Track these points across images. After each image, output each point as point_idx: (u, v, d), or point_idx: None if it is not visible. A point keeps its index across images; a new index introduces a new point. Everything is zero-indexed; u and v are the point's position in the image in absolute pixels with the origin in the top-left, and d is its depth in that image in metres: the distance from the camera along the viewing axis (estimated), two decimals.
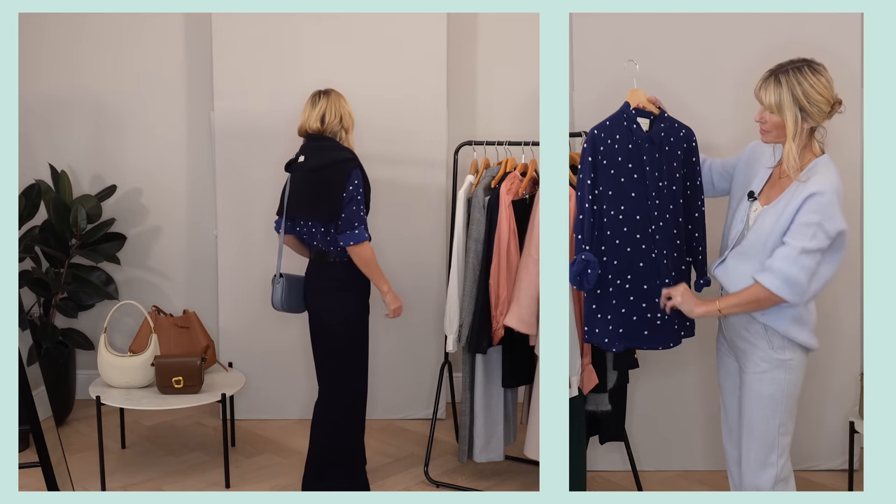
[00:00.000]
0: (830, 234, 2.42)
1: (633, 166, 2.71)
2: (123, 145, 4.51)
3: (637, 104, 2.75)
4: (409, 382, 4.36)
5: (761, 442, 2.59)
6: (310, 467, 3.36)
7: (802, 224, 2.42)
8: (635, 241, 2.71)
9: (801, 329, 2.55)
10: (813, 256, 2.43)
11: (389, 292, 3.28)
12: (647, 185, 2.71)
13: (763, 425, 2.58)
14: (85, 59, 4.46)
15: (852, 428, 3.34)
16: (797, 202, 2.43)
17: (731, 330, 2.68)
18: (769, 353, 2.56)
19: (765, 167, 2.63)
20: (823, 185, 2.41)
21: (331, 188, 3.13)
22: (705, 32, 3.41)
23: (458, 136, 3.93)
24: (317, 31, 4.14)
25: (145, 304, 4.01)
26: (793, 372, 2.56)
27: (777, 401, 2.56)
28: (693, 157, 2.84)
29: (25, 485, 2.93)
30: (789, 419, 2.59)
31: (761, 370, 2.57)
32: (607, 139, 2.70)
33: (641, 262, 2.72)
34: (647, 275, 2.72)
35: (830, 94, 2.44)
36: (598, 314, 2.71)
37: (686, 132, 2.82)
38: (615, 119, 2.73)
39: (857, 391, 3.42)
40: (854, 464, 3.46)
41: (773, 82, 2.46)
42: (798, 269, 2.42)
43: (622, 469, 3.56)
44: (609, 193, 2.69)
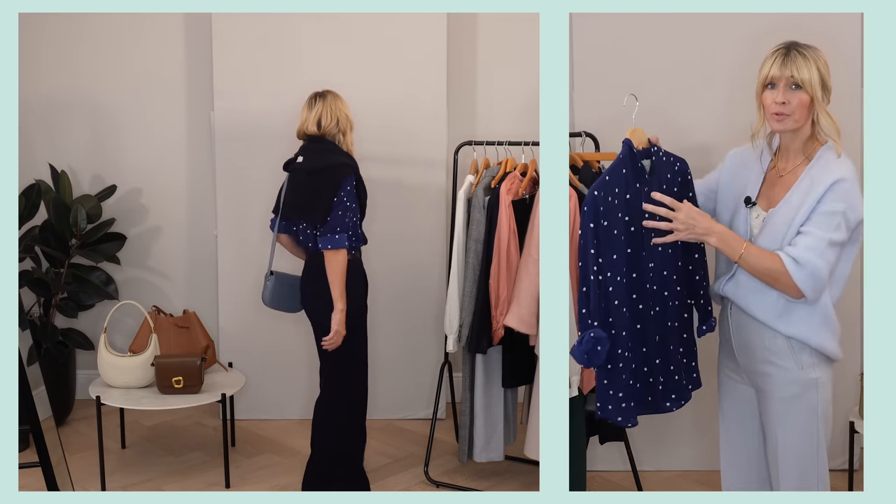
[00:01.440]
0: (852, 224, 2.28)
1: (630, 219, 2.42)
2: (123, 145, 4.51)
3: (638, 145, 2.46)
4: (409, 382, 4.36)
5: (801, 474, 2.40)
6: (310, 468, 3.36)
7: (827, 213, 2.26)
8: (631, 301, 2.44)
9: (831, 337, 2.36)
10: (836, 249, 2.28)
11: (341, 312, 3.14)
12: (644, 235, 2.44)
13: (800, 455, 2.39)
14: (85, 59, 4.46)
15: (852, 428, 3.34)
16: (819, 190, 2.27)
17: (747, 353, 2.44)
18: (798, 374, 2.35)
19: (756, 171, 2.46)
20: (845, 171, 2.27)
21: (323, 192, 3.13)
22: (705, 32, 3.41)
23: (458, 136, 3.93)
24: (317, 31, 4.14)
25: (145, 304, 4.01)
26: (824, 390, 2.37)
27: (813, 426, 2.37)
28: (690, 192, 2.57)
29: (25, 485, 2.93)
30: (825, 440, 2.40)
31: (791, 394, 2.36)
32: (608, 197, 2.38)
33: (639, 324, 2.46)
34: (646, 336, 2.48)
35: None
36: (611, 391, 2.42)
37: (681, 165, 2.57)
38: (614, 171, 2.42)
39: (857, 391, 3.42)
40: (854, 464, 3.46)
41: (801, 57, 2.28)
42: (824, 263, 2.26)
43: (622, 469, 3.56)
44: (614, 258, 2.39)
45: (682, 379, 2.58)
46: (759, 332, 2.41)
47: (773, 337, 2.38)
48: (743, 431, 2.56)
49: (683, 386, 2.58)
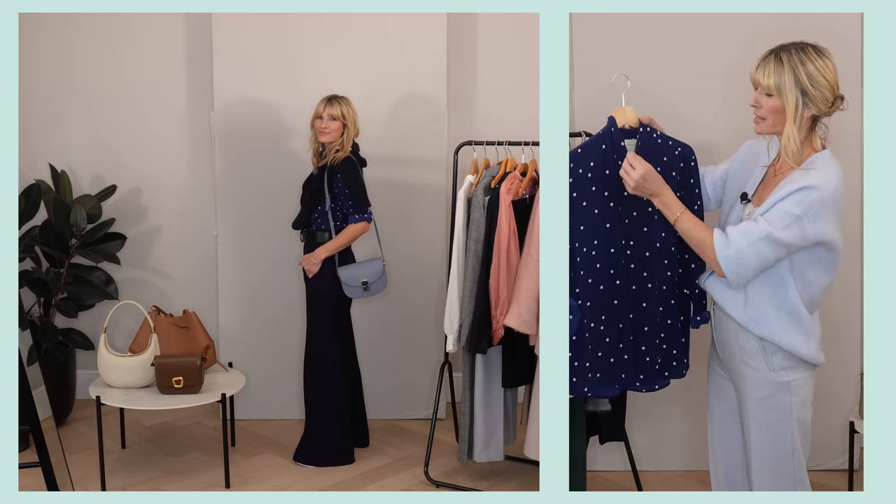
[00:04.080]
0: (808, 235, 2.23)
1: (610, 194, 2.46)
2: (123, 145, 4.51)
3: (624, 124, 2.49)
4: (409, 382, 4.36)
5: (774, 475, 2.40)
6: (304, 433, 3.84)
7: (782, 211, 2.22)
8: (608, 276, 2.48)
9: (805, 342, 2.35)
10: (776, 247, 2.24)
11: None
12: (621, 212, 2.48)
13: (774, 456, 2.38)
14: (85, 59, 4.46)
15: (852, 428, 3.33)
16: (786, 190, 2.24)
17: (725, 348, 2.47)
18: (769, 375, 2.35)
19: (760, 167, 2.44)
20: (819, 181, 2.21)
21: None
22: (705, 32, 3.41)
23: (458, 136, 3.93)
24: (317, 31, 4.14)
25: (145, 304, 4.01)
26: (798, 394, 2.36)
27: (787, 428, 2.36)
28: (691, 179, 2.56)
29: (25, 485, 2.93)
30: (802, 443, 2.39)
31: (763, 396, 2.36)
32: (578, 168, 2.44)
33: (616, 300, 2.49)
34: (622, 312, 2.50)
35: (835, 81, 2.26)
36: (576, 362, 2.49)
37: (682, 151, 2.55)
38: (589, 145, 2.47)
39: (857, 391, 3.42)
40: (854, 464, 3.46)
41: (774, 61, 2.26)
42: (753, 253, 2.24)
43: (622, 469, 3.56)
44: (581, 229, 2.45)
45: (656, 364, 2.58)
46: (735, 330, 2.42)
47: (746, 337, 2.38)
48: (727, 426, 2.57)
49: (656, 371, 2.59)
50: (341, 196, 3.60)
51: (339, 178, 3.59)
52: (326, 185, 3.61)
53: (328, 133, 3.59)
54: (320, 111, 3.60)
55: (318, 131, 3.62)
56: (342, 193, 3.60)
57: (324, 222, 3.66)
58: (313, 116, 3.64)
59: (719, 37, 3.40)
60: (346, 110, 3.61)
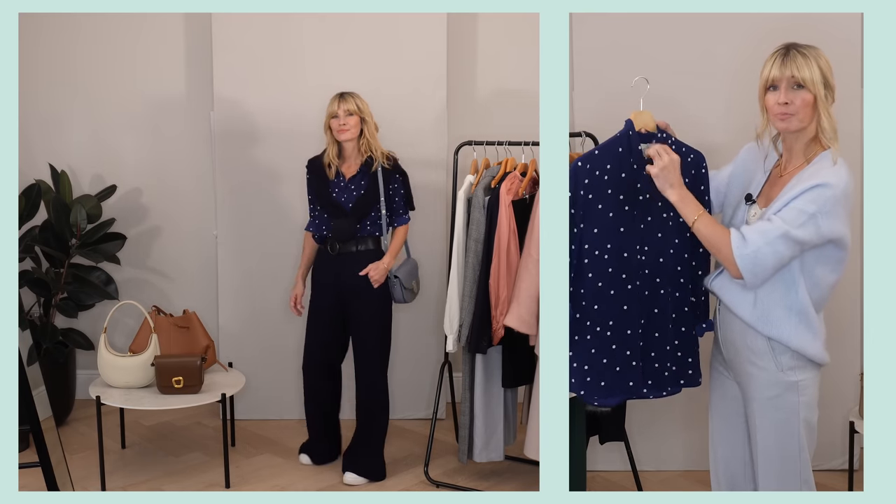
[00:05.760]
0: (823, 232, 2.24)
1: (625, 197, 2.43)
2: (123, 145, 4.51)
3: (641, 128, 2.46)
4: (409, 382, 4.36)
5: (781, 474, 2.40)
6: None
7: (796, 209, 2.23)
8: (620, 281, 2.44)
9: (812, 341, 2.35)
10: (792, 245, 2.24)
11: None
12: (636, 216, 2.45)
13: (781, 456, 2.39)
14: (85, 59, 4.46)
15: (852, 428, 3.33)
16: (800, 188, 2.24)
17: (731, 349, 2.46)
18: (777, 375, 2.35)
19: (762, 169, 2.47)
20: (831, 178, 2.23)
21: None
22: (705, 32, 3.41)
23: (458, 136, 3.93)
24: (317, 31, 4.14)
25: (145, 304, 4.01)
26: (805, 394, 2.37)
27: (794, 428, 2.37)
28: (701, 186, 2.54)
29: (25, 485, 2.93)
30: (808, 443, 2.40)
31: (771, 396, 2.37)
32: (594, 170, 2.40)
33: (626, 305, 2.45)
34: (632, 318, 2.46)
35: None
36: (574, 363, 2.44)
37: (695, 157, 2.54)
38: (606, 147, 2.44)
39: (857, 391, 3.42)
40: (854, 464, 3.46)
41: (800, 56, 2.26)
42: (770, 251, 2.24)
43: (622, 469, 3.56)
44: (594, 231, 2.41)
45: (666, 370, 2.56)
46: (742, 331, 2.41)
47: (754, 337, 2.38)
48: (729, 427, 2.57)
49: (666, 378, 2.56)
50: (396, 197, 3.54)
51: (398, 179, 3.53)
52: (383, 188, 3.50)
53: (347, 130, 3.46)
54: (335, 109, 3.46)
55: (337, 130, 3.45)
56: (397, 194, 3.54)
57: (376, 228, 3.52)
58: (327, 117, 3.49)
59: (720, 37, 3.40)
60: (361, 103, 3.49)
